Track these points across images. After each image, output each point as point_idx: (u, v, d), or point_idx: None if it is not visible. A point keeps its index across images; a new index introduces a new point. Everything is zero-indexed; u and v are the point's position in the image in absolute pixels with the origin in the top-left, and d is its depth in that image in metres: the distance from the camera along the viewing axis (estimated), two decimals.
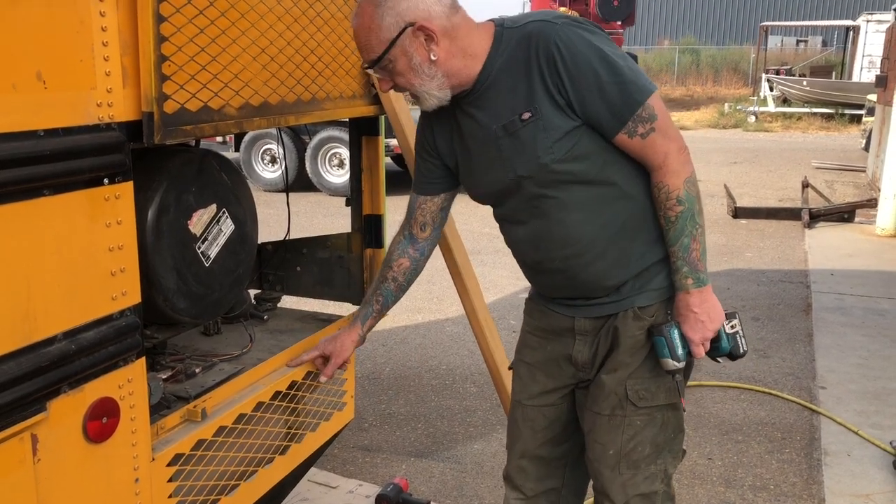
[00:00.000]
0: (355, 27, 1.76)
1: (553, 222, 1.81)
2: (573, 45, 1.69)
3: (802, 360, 4.59)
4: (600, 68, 1.68)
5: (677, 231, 1.78)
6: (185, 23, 1.74)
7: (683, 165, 1.76)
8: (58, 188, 1.50)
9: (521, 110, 1.73)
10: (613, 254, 1.82)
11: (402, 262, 2.13)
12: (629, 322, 1.86)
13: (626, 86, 1.69)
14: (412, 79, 1.76)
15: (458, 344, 4.82)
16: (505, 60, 1.76)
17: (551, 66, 1.69)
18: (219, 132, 1.89)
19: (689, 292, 1.80)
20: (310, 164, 9.67)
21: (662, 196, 1.77)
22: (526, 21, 1.77)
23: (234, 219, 2.19)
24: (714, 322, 1.81)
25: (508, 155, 1.78)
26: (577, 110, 1.70)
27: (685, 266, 1.79)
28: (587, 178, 1.77)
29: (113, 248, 1.64)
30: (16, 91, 1.41)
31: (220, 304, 2.23)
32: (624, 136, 1.73)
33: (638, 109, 1.70)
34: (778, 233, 7.81)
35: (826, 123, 18.44)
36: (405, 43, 1.71)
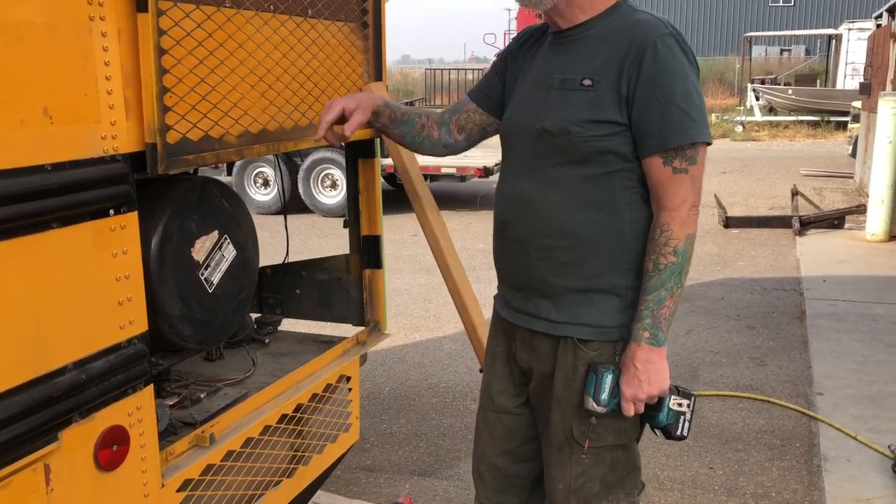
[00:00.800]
0: None
1: (539, 189, 1.78)
2: (668, 55, 1.67)
3: (799, 367, 4.62)
4: (678, 89, 1.67)
5: (659, 281, 1.70)
6: (184, 54, 1.78)
7: (692, 221, 1.72)
8: (65, 221, 1.53)
9: (585, 75, 1.72)
10: (570, 255, 1.77)
11: (432, 126, 2.07)
12: (567, 352, 1.81)
13: (688, 118, 1.67)
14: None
15: (457, 361, 4.83)
16: (604, 28, 1.75)
17: (637, 58, 1.67)
18: (220, 160, 1.92)
19: (639, 345, 1.72)
20: (302, 186, 9.70)
21: (661, 239, 1.70)
22: (644, 11, 1.77)
23: (235, 244, 2.22)
24: (651, 386, 1.72)
25: (548, 107, 1.77)
26: (631, 110, 1.68)
27: (649, 318, 1.71)
28: (593, 171, 1.74)
29: (120, 278, 1.66)
30: (23, 126, 1.44)
31: (224, 329, 2.25)
32: (658, 160, 1.69)
33: (686, 144, 1.67)
34: (769, 241, 7.87)
35: (813, 131, 18.60)
36: None
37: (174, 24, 1.74)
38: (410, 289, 6.33)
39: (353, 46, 2.50)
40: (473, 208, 9.96)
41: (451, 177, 9.81)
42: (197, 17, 1.82)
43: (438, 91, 24.24)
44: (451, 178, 9.90)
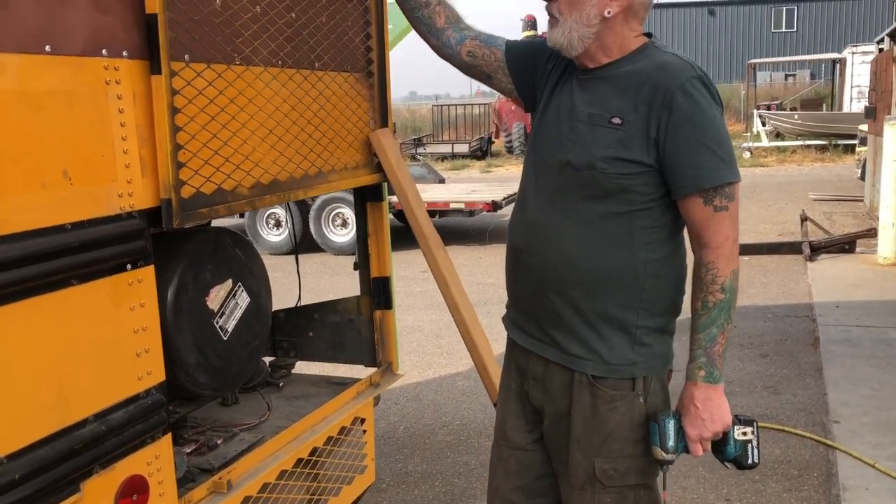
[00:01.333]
0: None
1: (556, 221, 1.80)
2: (698, 98, 1.70)
3: (814, 394, 4.60)
4: (709, 131, 1.70)
5: (710, 319, 1.73)
6: (197, 112, 1.85)
7: (735, 257, 1.75)
8: (84, 277, 1.59)
9: (614, 114, 1.74)
10: (583, 290, 1.78)
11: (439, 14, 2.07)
12: (583, 390, 1.82)
13: (720, 161, 1.70)
14: (573, 9, 1.75)
15: (471, 398, 4.84)
16: (633, 67, 1.77)
17: (667, 101, 1.69)
18: (232, 212, 1.98)
19: (696, 384, 1.74)
20: (314, 226, 9.79)
21: (708, 278, 1.72)
22: (672, 52, 1.80)
23: (249, 292, 2.27)
24: (715, 423, 1.75)
25: (574, 140, 1.79)
26: (660, 151, 1.71)
27: (703, 357, 1.74)
28: (613, 209, 1.75)
29: (138, 330, 1.71)
30: (45, 189, 1.50)
31: (240, 375, 2.30)
32: (698, 199, 1.71)
33: (721, 184, 1.70)
34: (780, 268, 7.87)
35: (821, 155, 18.61)
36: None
37: (186, 83, 1.81)
38: (422, 325, 6.36)
39: (360, 95, 2.57)
40: (483, 243, 10.01)
41: (459, 212, 9.89)
42: (208, 76, 1.89)
43: (446, 126, 24.48)
44: (460, 213, 9.97)
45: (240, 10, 2.00)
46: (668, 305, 1.84)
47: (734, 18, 37.35)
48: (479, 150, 22.30)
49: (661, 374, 1.86)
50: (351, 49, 2.51)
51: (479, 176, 18.40)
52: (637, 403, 1.82)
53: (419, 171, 12.46)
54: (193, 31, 1.84)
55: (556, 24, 1.79)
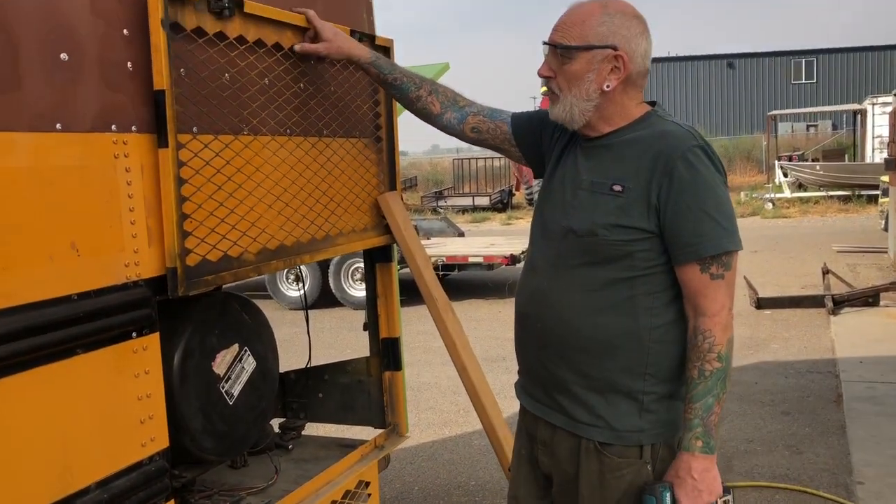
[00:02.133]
0: (571, 9, 1.80)
1: (560, 287, 1.82)
2: (699, 166, 1.72)
3: (837, 454, 4.50)
4: (709, 199, 1.71)
5: (706, 389, 1.72)
6: (204, 182, 1.90)
7: (731, 325, 1.75)
8: (90, 346, 1.62)
9: (615, 181, 1.77)
10: (587, 356, 1.80)
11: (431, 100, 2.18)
12: (590, 457, 1.82)
13: (721, 228, 1.71)
14: (572, 86, 1.79)
15: (487, 458, 4.79)
16: (635, 136, 1.80)
17: (668, 169, 1.72)
18: (238, 278, 2.02)
19: (694, 455, 1.73)
20: (333, 280, 9.86)
21: (705, 346, 1.72)
22: (674, 121, 1.83)
23: (255, 356, 2.30)
24: (711, 495, 1.74)
25: (576, 207, 1.82)
26: (663, 218, 1.72)
27: (700, 426, 1.73)
28: (616, 275, 1.77)
29: (141, 397, 1.74)
30: (52, 261, 1.55)
31: (246, 439, 2.30)
32: (695, 267, 1.72)
33: (720, 253, 1.72)
34: (803, 322, 7.76)
35: (844, 206, 18.49)
36: (596, 57, 1.76)
37: (193, 155, 1.87)
38: (439, 382, 6.33)
39: (368, 160, 2.63)
40: (502, 296, 9.99)
41: (478, 265, 9.91)
42: (215, 147, 1.94)
43: (467, 179, 24.69)
44: (479, 268, 9.99)
45: (248, 83, 2.07)
46: (675, 371, 1.83)
47: (753, 70, 37.60)
48: (499, 202, 22.43)
49: (670, 442, 1.84)
50: (359, 116, 2.57)
51: (500, 229, 18.46)
52: (645, 471, 1.81)
53: (439, 225, 12.55)
54: (201, 105, 1.90)
55: (557, 101, 1.83)
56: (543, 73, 1.84)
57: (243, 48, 2.04)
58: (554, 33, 1.80)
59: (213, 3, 1.92)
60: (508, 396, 2.81)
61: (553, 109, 1.85)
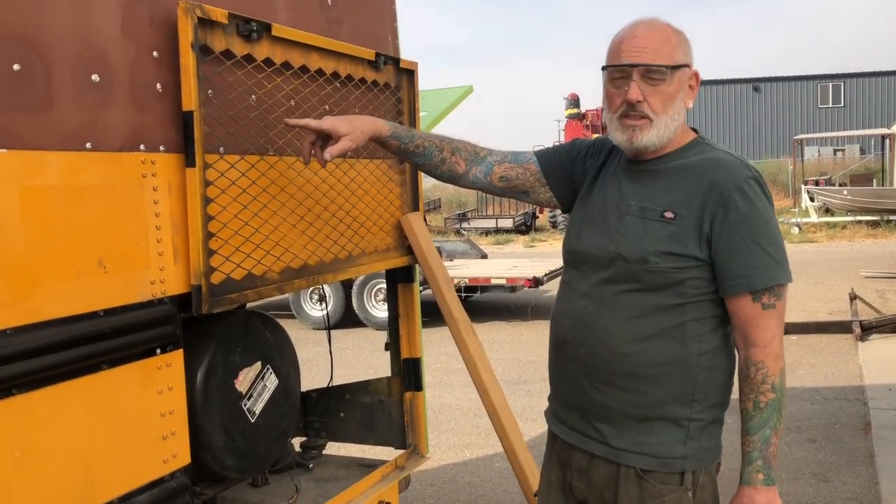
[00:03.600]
0: (650, 31, 1.76)
1: (606, 313, 1.79)
2: (754, 198, 1.72)
3: (865, 483, 4.42)
4: (762, 232, 1.71)
5: (762, 420, 1.71)
6: (229, 201, 1.93)
7: (783, 355, 1.74)
8: (115, 362, 1.64)
9: (667, 208, 1.75)
10: (633, 382, 1.77)
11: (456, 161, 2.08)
12: (631, 484, 1.79)
13: (773, 261, 1.71)
14: (667, 107, 1.76)
15: (508, 481, 4.75)
16: (684, 163, 1.79)
17: (723, 200, 1.70)
18: (261, 297, 2.03)
19: (756, 489, 1.71)
20: (356, 301, 9.90)
21: (759, 377, 1.71)
22: (725, 149, 1.83)
23: (277, 374, 2.31)
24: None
25: (623, 232, 1.79)
26: (715, 247, 1.71)
27: (760, 459, 1.71)
28: (665, 302, 1.75)
29: (164, 414, 1.75)
30: (79, 278, 1.57)
31: (266, 458, 2.31)
32: (747, 297, 1.71)
33: (772, 285, 1.71)
34: (830, 348, 7.65)
35: (872, 231, 18.25)
36: (684, 76, 1.78)
37: (220, 174, 1.90)
38: (461, 403, 6.31)
39: (391, 181, 2.65)
40: (525, 319, 9.96)
41: (501, 287, 9.89)
42: (241, 167, 1.97)
43: (490, 202, 24.75)
44: (502, 289, 9.97)
45: (274, 104, 2.10)
46: (721, 397, 1.82)
47: (780, 94, 37.39)
48: (523, 224, 22.43)
49: (710, 468, 1.82)
50: None
51: (523, 251, 18.43)
52: (686, 498, 1.78)
53: (462, 247, 12.56)
54: (228, 126, 1.94)
55: (650, 125, 1.77)
56: (637, 96, 1.75)
57: (270, 70, 2.07)
58: (643, 53, 1.73)
59: (241, 27, 1.96)
60: (530, 419, 2.79)
61: (643, 135, 1.77)
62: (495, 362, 7.14)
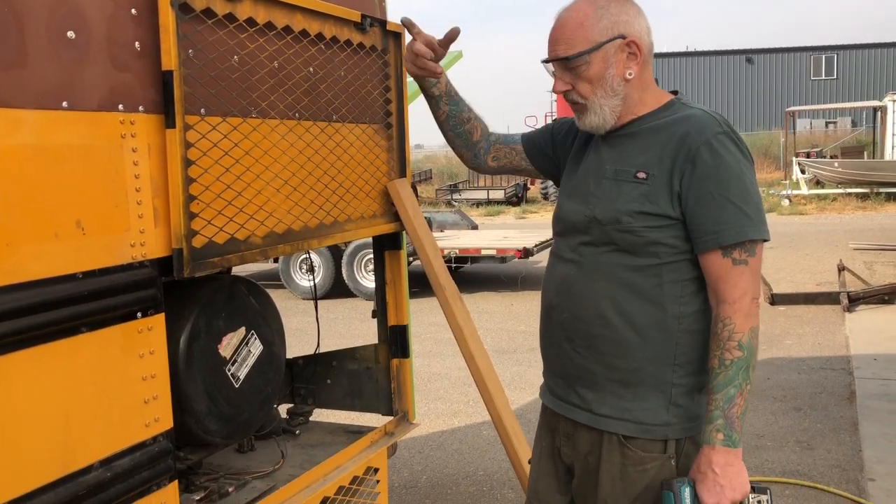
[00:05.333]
0: (563, 18, 1.76)
1: (585, 276, 1.80)
2: (723, 152, 1.69)
3: (848, 450, 4.46)
4: (734, 187, 1.67)
5: (727, 379, 1.66)
6: (211, 164, 1.90)
7: (755, 313, 1.70)
8: (94, 325, 1.62)
9: (639, 168, 1.75)
10: (613, 347, 1.76)
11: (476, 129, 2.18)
12: (614, 450, 1.79)
13: (745, 216, 1.67)
14: (596, 89, 1.76)
15: (496, 448, 4.78)
16: (659, 124, 1.78)
17: (691, 156, 1.69)
18: (244, 261, 2.01)
19: (714, 448, 1.66)
20: (346, 271, 9.88)
21: (725, 334, 1.67)
22: (700, 107, 1.80)
23: (262, 340, 2.30)
24: (735, 491, 1.66)
25: (599, 195, 1.80)
26: (685, 204, 1.70)
27: (721, 419, 1.66)
28: (642, 263, 1.74)
29: (146, 378, 1.74)
30: (57, 239, 1.55)
31: (251, 423, 2.30)
32: (717, 253, 1.68)
33: (743, 241, 1.68)
34: (817, 318, 7.70)
35: (862, 203, 18.30)
36: (609, 51, 1.73)
37: (201, 136, 1.87)
38: (450, 373, 6.33)
39: (378, 146, 2.62)
40: (515, 289, 9.98)
41: (491, 258, 9.89)
42: (223, 129, 1.94)
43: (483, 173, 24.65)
44: (492, 260, 9.98)
45: (257, 65, 2.06)
46: (704, 362, 1.77)
47: (773, 66, 37.27)
48: (514, 196, 22.39)
49: (696, 436, 1.78)
50: (369, 101, 2.56)
51: (514, 222, 18.43)
52: (668, 466, 1.77)
53: (453, 218, 12.54)
54: (210, 86, 1.90)
55: (585, 109, 1.80)
56: (560, 88, 1.80)
57: (253, 30, 2.03)
58: (556, 47, 1.77)
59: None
60: (518, 388, 2.80)
61: (584, 120, 1.81)
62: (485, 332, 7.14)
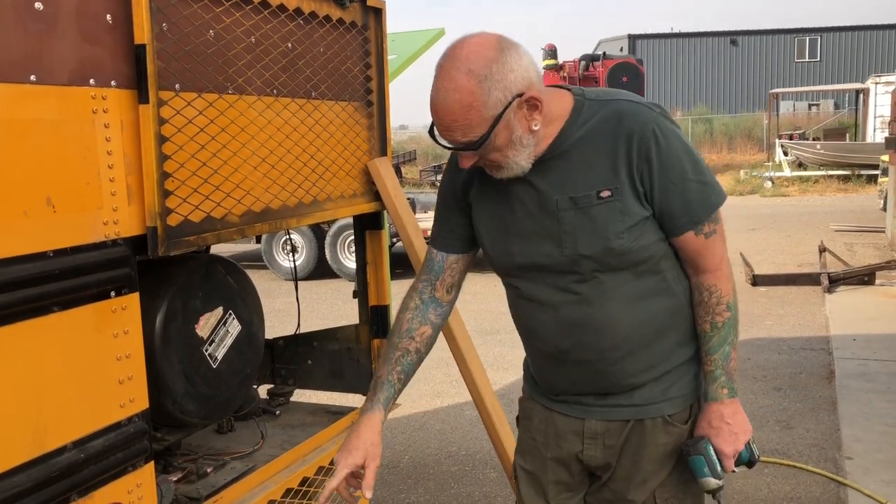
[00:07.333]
0: (447, 103, 1.56)
1: (596, 309, 1.71)
2: (668, 138, 1.65)
3: (827, 429, 4.51)
4: (687, 165, 1.66)
5: (721, 338, 1.73)
6: (186, 141, 1.86)
7: (731, 273, 1.76)
8: (66, 304, 1.59)
9: (601, 187, 1.65)
10: (645, 352, 1.76)
11: (424, 331, 1.89)
12: (658, 431, 1.79)
13: (707, 186, 1.68)
14: (507, 152, 1.62)
15: (478, 428, 4.79)
16: (586, 132, 1.67)
17: (642, 153, 1.63)
18: (221, 240, 1.98)
19: (723, 403, 1.75)
20: (329, 252, 9.84)
21: (713, 300, 1.72)
22: (614, 97, 1.70)
23: (240, 320, 2.27)
24: (745, 434, 1.77)
25: (571, 230, 1.68)
26: (652, 201, 1.67)
27: (723, 375, 1.74)
28: (643, 269, 1.71)
29: (120, 357, 1.71)
30: (27, 217, 1.51)
31: (229, 404, 2.29)
32: (691, 233, 1.69)
33: (714, 212, 1.70)
34: (798, 299, 7.76)
35: (843, 185, 18.43)
36: (510, 117, 1.58)
37: (176, 112, 1.83)
38: (433, 353, 6.25)
39: (358, 124, 2.59)
40: None
41: None
42: (199, 105, 1.90)
43: None
44: None
45: (234, 40, 2.02)
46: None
47: (757, 48, 37.32)
48: None
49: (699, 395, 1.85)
50: (349, 79, 2.52)
51: None
52: (686, 428, 1.82)
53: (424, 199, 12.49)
54: (184, 62, 1.86)
55: (500, 169, 1.67)
56: (467, 164, 1.66)
57: (228, 4, 1.99)
58: (451, 133, 1.59)
59: None
60: (501, 368, 2.79)
61: (500, 174, 1.68)
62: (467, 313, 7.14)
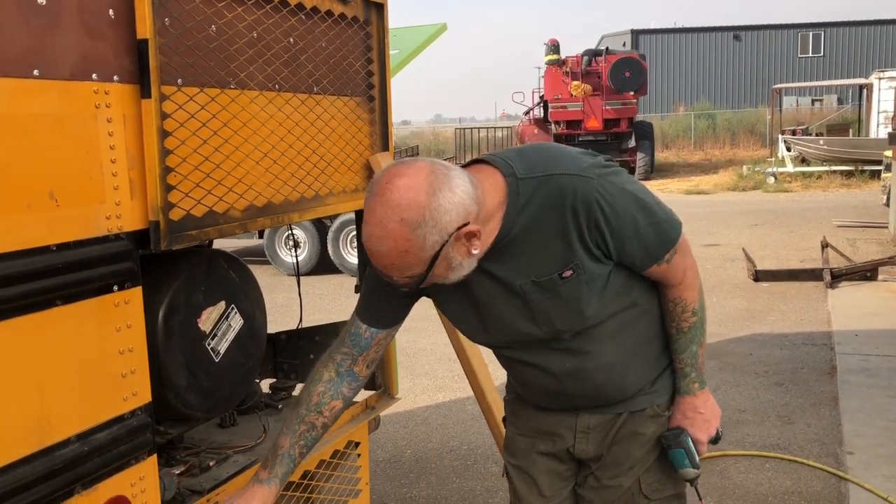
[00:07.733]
0: (383, 250, 1.50)
1: (586, 358, 1.78)
2: (613, 199, 1.62)
3: (828, 424, 4.52)
4: (638, 214, 1.66)
5: (688, 340, 1.83)
6: (188, 136, 1.87)
7: (697, 277, 1.82)
8: (69, 298, 1.60)
9: (560, 268, 1.64)
10: (637, 366, 1.84)
11: (335, 405, 1.81)
12: (647, 420, 1.87)
13: (660, 225, 1.70)
14: (449, 275, 1.59)
15: (480, 422, 4.80)
16: (531, 216, 1.62)
17: (592, 224, 1.61)
18: (223, 235, 1.99)
19: (695, 395, 1.87)
20: (332, 247, 9.85)
21: (678, 310, 1.81)
22: (551, 172, 1.62)
23: (242, 314, 2.28)
24: (716, 418, 1.90)
25: (543, 309, 1.69)
26: (612, 256, 1.67)
27: (693, 371, 1.86)
28: (618, 309, 1.76)
29: (123, 351, 1.72)
30: (30, 211, 1.52)
31: (231, 398, 2.30)
32: (655, 267, 1.73)
33: (673, 245, 1.72)
34: (800, 295, 7.75)
35: (846, 181, 18.38)
36: (448, 251, 1.53)
37: (178, 107, 1.83)
38: (435, 348, 6.34)
39: (360, 119, 2.59)
40: None
41: None
42: (201, 100, 1.91)
43: (469, 149, 24.57)
44: None
45: (236, 35, 2.02)
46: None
47: (759, 43, 37.23)
48: None
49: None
50: (351, 73, 2.53)
51: None
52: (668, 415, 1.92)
53: None
54: (187, 56, 1.87)
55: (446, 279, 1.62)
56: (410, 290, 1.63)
57: (231, 0, 1.99)
58: (391, 272, 1.55)
59: None
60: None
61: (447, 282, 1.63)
62: None
